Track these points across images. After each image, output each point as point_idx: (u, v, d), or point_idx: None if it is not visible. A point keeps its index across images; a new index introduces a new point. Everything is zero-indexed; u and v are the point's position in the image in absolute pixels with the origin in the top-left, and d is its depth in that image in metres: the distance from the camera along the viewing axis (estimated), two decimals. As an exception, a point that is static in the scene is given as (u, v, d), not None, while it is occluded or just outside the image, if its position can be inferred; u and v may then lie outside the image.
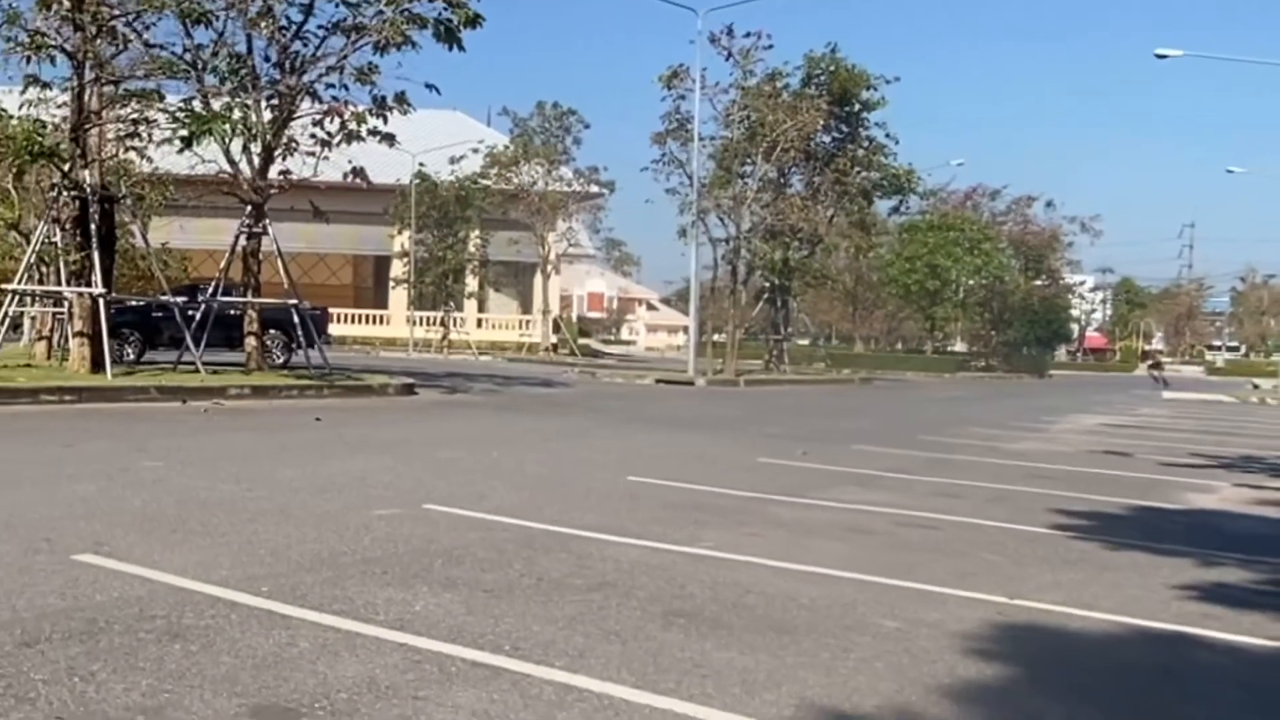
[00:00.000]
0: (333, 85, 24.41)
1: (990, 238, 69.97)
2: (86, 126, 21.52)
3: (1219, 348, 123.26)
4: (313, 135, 24.61)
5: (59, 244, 22.59)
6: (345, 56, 24.02)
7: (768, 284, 48.72)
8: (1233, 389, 53.09)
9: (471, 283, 64.27)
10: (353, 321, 63.31)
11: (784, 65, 46.53)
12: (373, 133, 24.58)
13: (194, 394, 19.69)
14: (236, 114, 23.19)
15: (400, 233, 60.50)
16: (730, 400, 29.62)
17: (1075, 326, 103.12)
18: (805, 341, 78.78)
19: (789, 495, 11.40)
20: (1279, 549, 9.79)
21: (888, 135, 50.19)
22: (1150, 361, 58.92)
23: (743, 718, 4.63)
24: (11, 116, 25.38)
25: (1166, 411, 33.29)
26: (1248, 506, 12.55)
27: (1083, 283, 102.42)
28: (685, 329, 56.97)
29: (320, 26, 24.15)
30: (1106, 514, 11.19)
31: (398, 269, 62.63)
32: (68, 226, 21.95)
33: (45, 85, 22.60)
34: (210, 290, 25.69)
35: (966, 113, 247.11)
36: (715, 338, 47.03)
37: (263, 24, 23.42)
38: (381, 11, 23.33)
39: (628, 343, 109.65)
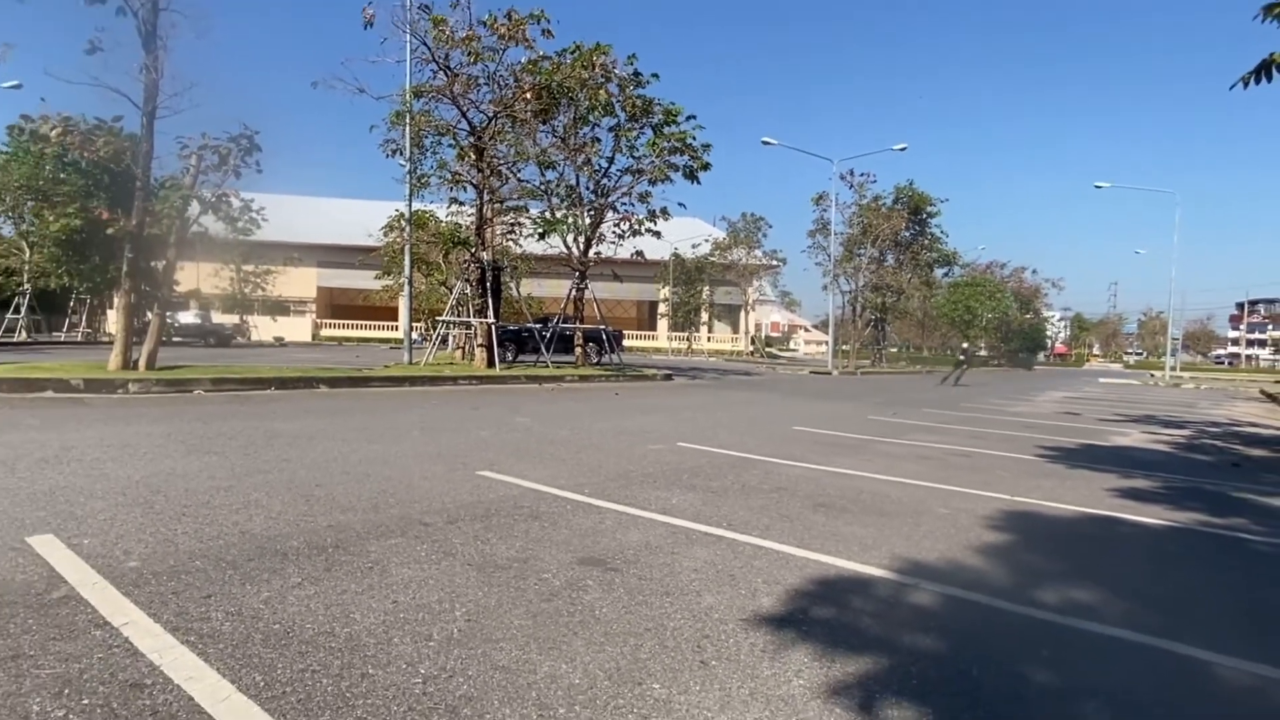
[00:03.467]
0: (625, 203, 24.96)
1: (1001, 290, 69.95)
2: (484, 227, 22.35)
3: (1131, 354, 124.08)
4: (614, 231, 25.13)
5: (468, 293, 23.54)
6: (632, 187, 24.57)
7: (873, 317, 49.40)
8: (1139, 376, 52.61)
9: (704, 316, 64.99)
10: (636, 338, 64.12)
11: (882, 191, 48.91)
12: (648, 231, 25.00)
13: (545, 380, 20.13)
14: (570, 220, 24.00)
15: (663, 288, 61.74)
16: (851, 383, 28.61)
17: (1049, 341, 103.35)
18: (895, 350, 77.27)
19: (886, 437, 11.06)
20: (1167, 467, 9.34)
21: (941, 231, 50.97)
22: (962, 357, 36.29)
23: (859, 564, 4.58)
24: (441, 221, 26.92)
25: (1100, 390, 31.25)
26: (1149, 444, 12.02)
27: (1054, 315, 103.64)
28: (826, 342, 55.94)
29: (618, 170, 24.80)
30: (1067, 448, 10.85)
31: (662, 308, 63.98)
32: (473, 284, 22.74)
33: (460, 203, 23.74)
34: (555, 320, 26.34)
35: (987, 215, 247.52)
36: (843, 347, 46.63)
37: (585, 169, 24.23)
38: (653, 161, 23.92)
39: (793, 351, 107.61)
